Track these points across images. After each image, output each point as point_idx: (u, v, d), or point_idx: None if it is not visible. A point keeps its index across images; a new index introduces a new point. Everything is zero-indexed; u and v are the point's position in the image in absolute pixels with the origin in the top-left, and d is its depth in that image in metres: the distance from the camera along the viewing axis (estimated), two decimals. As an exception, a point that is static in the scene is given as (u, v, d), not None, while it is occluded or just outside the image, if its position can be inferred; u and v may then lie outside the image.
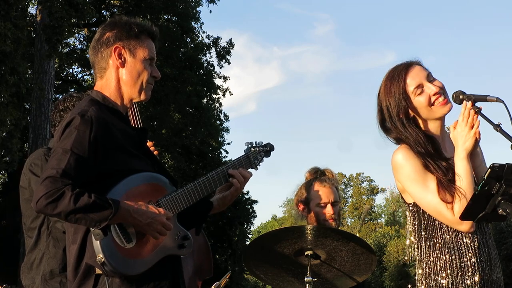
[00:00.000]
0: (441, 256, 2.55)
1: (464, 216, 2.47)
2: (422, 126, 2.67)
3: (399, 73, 2.65)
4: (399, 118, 2.63)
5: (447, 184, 2.52)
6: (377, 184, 65.31)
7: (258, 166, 2.90)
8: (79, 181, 2.21)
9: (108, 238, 2.23)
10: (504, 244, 33.39)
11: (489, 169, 2.19)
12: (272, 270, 3.45)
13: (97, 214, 2.17)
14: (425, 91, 2.61)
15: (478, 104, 2.47)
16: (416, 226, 2.64)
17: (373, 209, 65.59)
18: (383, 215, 65.25)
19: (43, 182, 2.17)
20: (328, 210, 3.78)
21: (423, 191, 2.55)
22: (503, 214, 2.24)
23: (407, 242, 2.73)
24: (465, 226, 2.51)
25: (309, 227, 3.26)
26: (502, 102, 2.37)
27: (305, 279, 3.22)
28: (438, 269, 2.55)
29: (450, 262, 2.53)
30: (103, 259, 2.21)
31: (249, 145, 2.92)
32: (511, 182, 2.19)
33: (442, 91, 2.62)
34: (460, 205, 2.48)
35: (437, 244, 2.57)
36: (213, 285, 4.09)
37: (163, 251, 2.40)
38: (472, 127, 2.48)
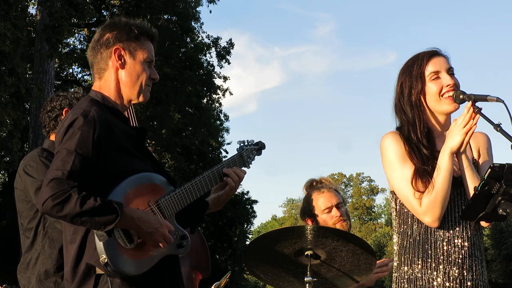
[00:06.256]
0: (408, 246, 2.57)
1: (463, 216, 2.47)
2: (428, 114, 2.65)
3: (423, 55, 2.66)
4: (409, 98, 2.63)
5: (422, 173, 2.52)
6: (377, 184, 65.30)
7: (250, 165, 2.91)
8: (83, 182, 2.21)
9: (111, 238, 2.24)
10: (504, 244, 33.35)
11: (489, 169, 2.19)
12: (272, 270, 3.44)
13: (103, 218, 2.17)
14: (440, 80, 2.61)
15: (478, 104, 2.46)
16: (394, 212, 2.67)
17: (373, 209, 65.56)
18: (383, 215, 65.22)
19: (49, 184, 2.17)
20: (334, 213, 3.79)
21: (398, 177, 2.57)
22: (503, 214, 2.24)
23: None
24: (429, 218, 2.50)
25: (309, 227, 3.26)
26: (502, 102, 2.37)
27: (305, 279, 3.22)
28: (405, 257, 2.58)
29: (418, 253, 2.54)
30: (106, 260, 2.21)
31: (242, 144, 2.94)
32: (511, 182, 2.20)
33: (455, 87, 2.60)
34: (428, 197, 2.48)
35: (406, 233, 2.60)
36: (213, 285, 4.09)
37: (163, 251, 2.41)
38: (465, 127, 2.46)
